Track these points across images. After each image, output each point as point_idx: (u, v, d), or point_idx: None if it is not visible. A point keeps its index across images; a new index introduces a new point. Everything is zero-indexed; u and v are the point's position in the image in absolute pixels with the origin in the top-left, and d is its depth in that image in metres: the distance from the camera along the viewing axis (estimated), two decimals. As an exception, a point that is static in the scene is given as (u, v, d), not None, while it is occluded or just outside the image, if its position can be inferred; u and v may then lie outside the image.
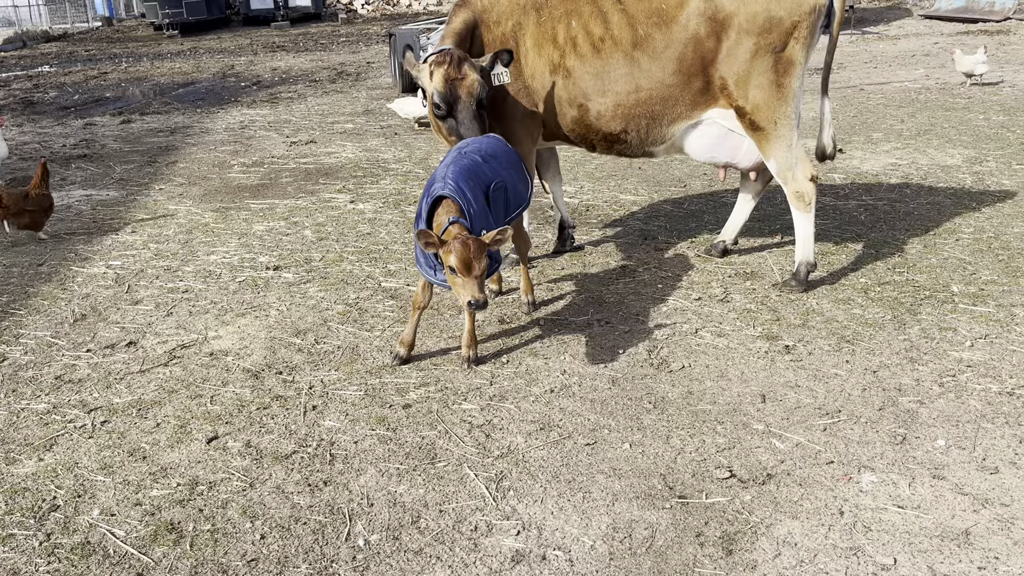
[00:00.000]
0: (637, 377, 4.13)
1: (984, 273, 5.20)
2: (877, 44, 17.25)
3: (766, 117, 4.83)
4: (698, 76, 4.87)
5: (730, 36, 4.76)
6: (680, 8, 4.81)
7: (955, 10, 20.88)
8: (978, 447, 3.42)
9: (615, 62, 4.89)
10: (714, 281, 5.30)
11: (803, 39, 4.75)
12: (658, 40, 4.83)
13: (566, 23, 4.94)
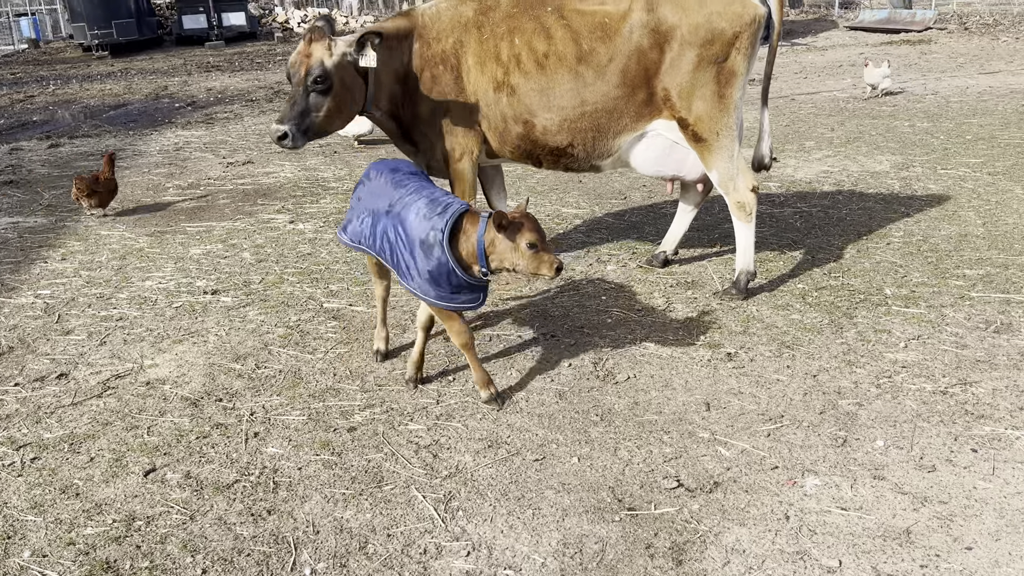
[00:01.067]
0: (584, 390, 4.14)
1: (915, 275, 5.35)
2: (806, 55, 17.74)
3: (708, 128, 4.91)
4: (642, 88, 4.93)
5: (673, 48, 4.83)
6: (623, 21, 4.87)
7: (879, 21, 21.62)
8: (915, 446, 3.50)
9: (560, 77, 4.92)
10: (656, 291, 5.35)
11: (744, 50, 4.84)
12: (602, 54, 4.88)
13: (509, 40, 4.95)
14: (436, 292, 3.77)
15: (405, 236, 3.79)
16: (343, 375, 4.36)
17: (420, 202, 3.82)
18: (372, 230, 3.99)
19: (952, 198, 6.91)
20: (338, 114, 4.78)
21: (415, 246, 3.74)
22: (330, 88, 4.65)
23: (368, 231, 4.02)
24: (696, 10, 4.80)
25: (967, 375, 4.06)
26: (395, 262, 3.89)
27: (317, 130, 4.77)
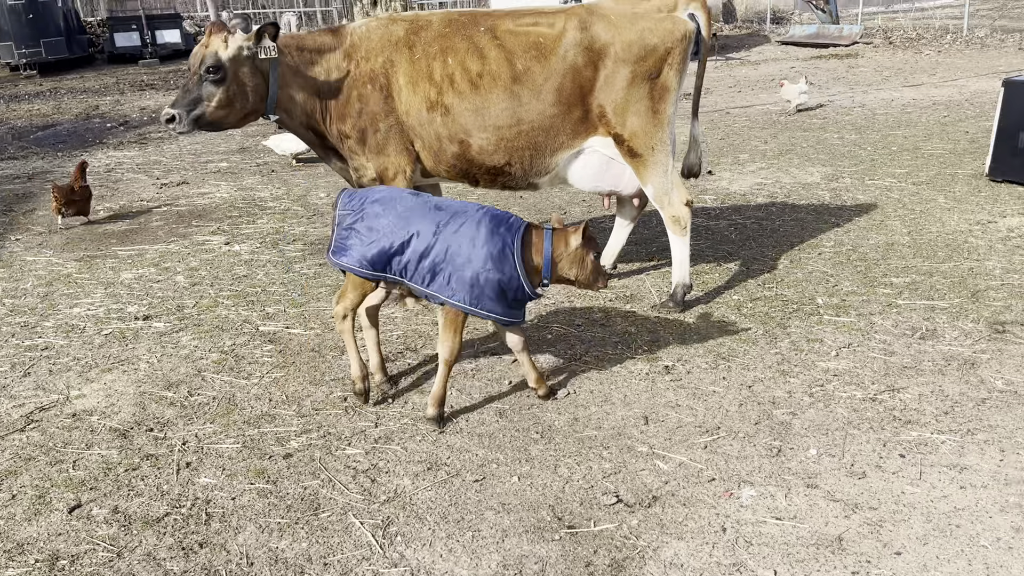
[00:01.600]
0: (524, 407, 4.13)
1: (845, 284, 5.49)
2: (740, 69, 18.15)
3: (643, 144, 4.97)
4: (578, 106, 4.97)
5: (607, 65, 4.89)
6: (557, 40, 4.91)
7: (808, 36, 22.25)
8: (846, 454, 3.58)
9: (495, 97, 4.93)
10: (595, 306, 5.38)
11: (676, 66, 4.93)
12: (537, 73, 4.91)
13: (442, 60, 4.95)
14: (498, 306, 3.80)
15: (470, 252, 3.75)
16: (279, 400, 4.28)
17: (483, 218, 3.82)
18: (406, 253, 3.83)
19: (879, 208, 7.12)
20: (229, 106, 4.88)
21: (486, 260, 3.73)
22: (223, 79, 4.79)
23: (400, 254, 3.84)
24: (628, 27, 4.87)
25: (895, 381, 4.17)
26: (434, 283, 3.83)
27: (209, 120, 4.89)
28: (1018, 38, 19.37)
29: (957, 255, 5.88)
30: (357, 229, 3.89)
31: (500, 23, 4.98)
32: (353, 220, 3.91)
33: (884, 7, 30.77)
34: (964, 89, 13.36)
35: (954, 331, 4.70)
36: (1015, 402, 3.90)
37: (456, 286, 3.77)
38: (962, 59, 17.30)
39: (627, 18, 4.91)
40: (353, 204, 3.96)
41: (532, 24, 4.95)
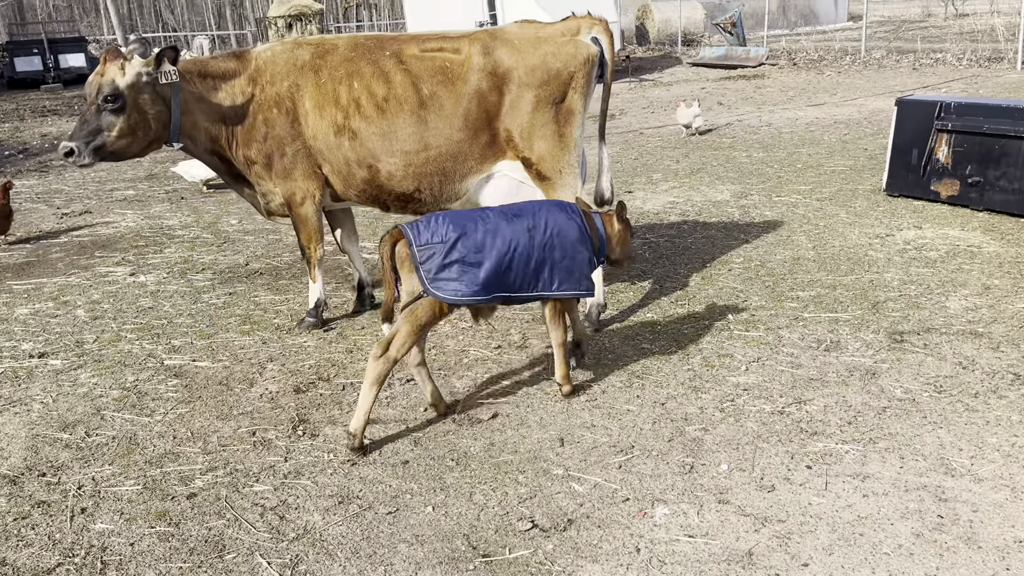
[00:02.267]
0: (440, 434, 4.07)
1: (754, 299, 5.63)
2: (653, 90, 18.58)
3: (551, 167, 5.01)
4: (484, 130, 4.97)
5: (511, 89, 4.91)
6: (462, 65, 4.91)
7: (717, 58, 22.97)
8: (756, 467, 3.63)
9: (401, 122, 4.90)
10: (513, 328, 5.37)
11: (580, 89, 4.98)
12: (443, 97, 4.90)
13: (348, 84, 4.91)
14: (588, 282, 4.12)
15: (563, 244, 3.98)
16: (184, 437, 4.11)
17: (553, 210, 4.06)
18: (513, 266, 3.86)
19: (785, 224, 7.34)
20: (131, 135, 4.77)
21: (575, 246, 4.02)
22: (123, 107, 4.67)
23: (509, 269, 3.86)
24: (531, 52, 4.92)
25: (801, 394, 4.28)
26: (546, 277, 3.97)
27: (111, 150, 4.77)
28: (912, 59, 20.40)
29: (858, 268, 6.10)
30: (459, 261, 3.77)
31: (405, 48, 4.97)
32: (447, 254, 3.76)
33: (788, 30, 32.08)
34: (863, 108, 13.97)
35: (856, 342, 4.85)
36: (913, 410, 4.04)
37: (561, 277, 4.00)
38: (861, 79, 18.11)
39: (530, 42, 4.95)
40: (433, 237, 3.77)
41: (437, 49, 4.96)
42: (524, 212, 4.00)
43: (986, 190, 7.26)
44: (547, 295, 4.02)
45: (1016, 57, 17.93)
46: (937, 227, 6.99)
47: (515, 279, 3.90)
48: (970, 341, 4.77)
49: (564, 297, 4.09)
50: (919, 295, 5.52)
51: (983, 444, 3.71)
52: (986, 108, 7.37)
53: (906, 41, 25.16)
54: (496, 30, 5.13)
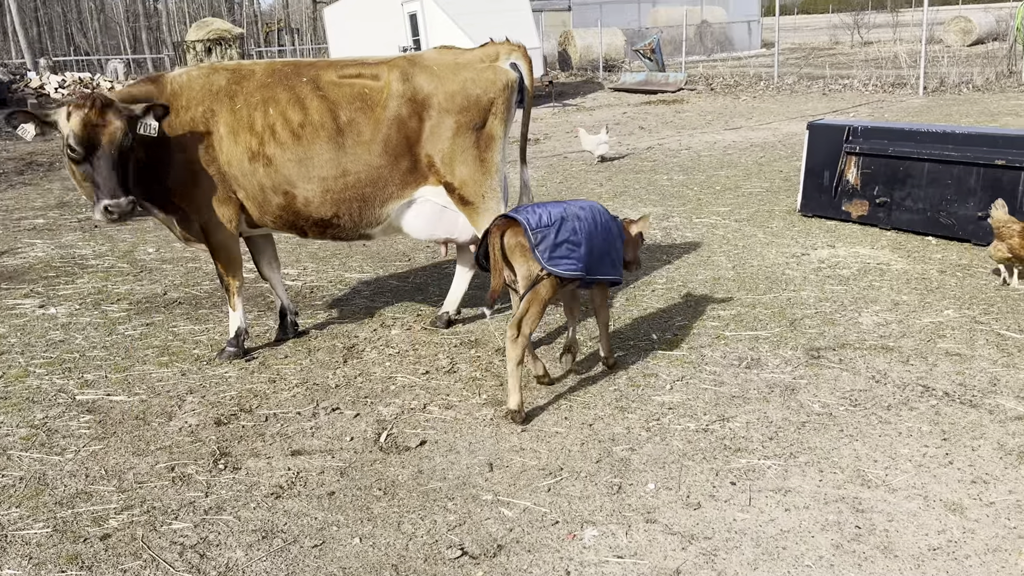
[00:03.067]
0: (367, 464, 4.01)
1: (677, 319, 5.73)
2: (576, 115, 18.89)
3: (473, 191, 5.03)
4: (405, 156, 4.96)
5: (432, 116, 4.92)
6: (381, 91, 4.90)
7: (638, 83, 23.52)
8: (682, 485, 3.68)
9: (319, 148, 4.86)
10: (441, 353, 5.35)
11: (500, 115, 5.03)
12: (362, 124, 4.87)
13: (264, 110, 4.85)
14: (620, 272, 4.68)
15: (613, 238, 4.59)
16: (97, 476, 3.94)
17: (600, 210, 4.57)
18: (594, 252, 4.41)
19: (706, 245, 7.52)
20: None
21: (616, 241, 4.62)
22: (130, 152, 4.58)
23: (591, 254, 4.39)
24: (451, 79, 4.95)
25: (724, 411, 4.36)
26: (608, 263, 4.55)
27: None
28: (821, 84, 21.27)
29: (776, 287, 6.28)
30: (565, 241, 4.26)
31: (323, 74, 4.94)
32: (556, 234, 4.23)
33: (705, 56, 33.10)
34: (777, 131, 14.48)
35: (776, 359, 4.99)
36: (830, 423, 4.17)
37: (611, 265, 4.57)
38: (775, 104, 18.78)
39: (449, 69, 4.98)
40: (541, 221, 4.23)
41: (356, 75, 4.95)
42: (585, 207, 4.51)
43: (893, 210, 7.59)
44: (604, 278, 4.59)
45: (918, 83, 18.89)
46: (849, 246, 7.26)
47: (594, 261, 4.43)
48: (882, 355, 4.95)
49: (612, 281, 4.67)
50: (834, 312, 5.71)
51: (896, 455, 3.85)
52: (891, 132, 7.72)
53: (816, 67, 26.26)
54: (415, 56, 5.14)
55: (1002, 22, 32.18)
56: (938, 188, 7.22)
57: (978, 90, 18.37)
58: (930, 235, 7.33)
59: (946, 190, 7.17)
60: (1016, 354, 4.86)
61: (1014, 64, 20.13)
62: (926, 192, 7.31)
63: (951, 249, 6.99)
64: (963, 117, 14.45)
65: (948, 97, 17.71)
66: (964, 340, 5.11)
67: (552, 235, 4.19)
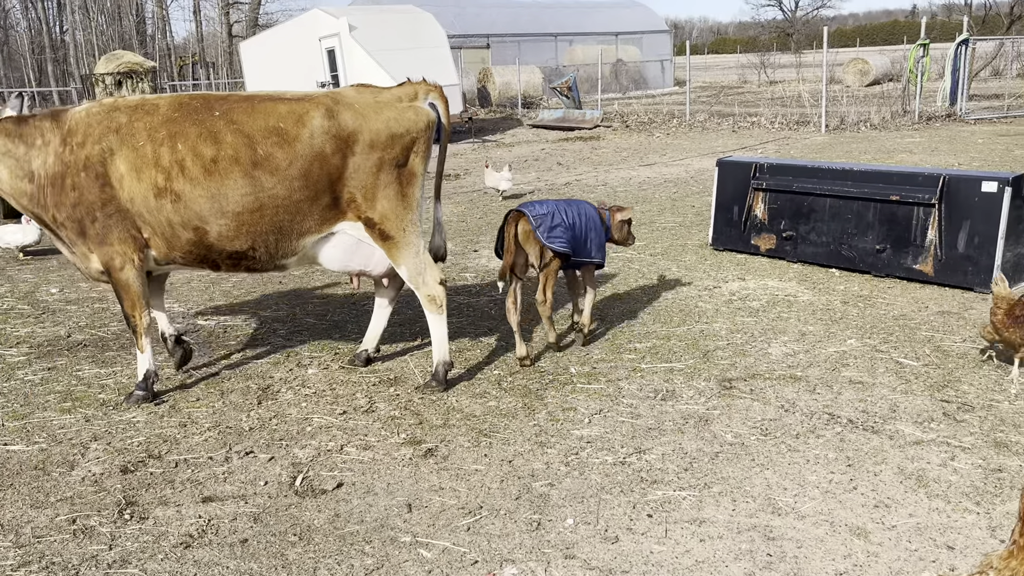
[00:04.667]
0: (281, 509, 3.91)
1: (596, 353, 5.81)
2: (496, 150, 19.09)
3: (394, 227, 5.03)
4: (326, 192, 4.94)
5: (355, 152, 4.92)
6: (302, 126, 4.86)
7: (556, 120, 23.97)
8: (600, 520, 3.72)
9: (233, 183, 4.78)
10: (359, 392, 5.28)
11: (421, 152, 5.09)
12: (280, 159, 4.82)
13: (171, 146, 4.75)
14: (603, 256, 5.94)
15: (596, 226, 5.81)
16: (-10, 532, 3.73)
17: (585, 204, 5.91)
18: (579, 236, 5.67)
19: (622, 278, 7.68)
20: None
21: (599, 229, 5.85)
22: None
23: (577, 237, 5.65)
24: (375, 117, 4.97)
25: (641, 443, 4.43)
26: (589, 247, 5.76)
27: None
28: (731, 122, 22.10)
29: (690, 319, 6.45)
30: (558, 225, 5.55)
31: (237, 107, 4.87)
32: (551, 220, 5.53)
33: (621, 94, 34.00)
34: (690, 167, 14.94)
35: (690, 390, 5.10)
36: (742, 453, 4.28)
37: (593, 249, 5.79)
38: (687, 140, 19.41)
39: (373, 107, 5.01)
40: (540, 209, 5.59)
41: (274, 110, 4.90)
42: (572, 203, 5.81)
43: (799, 243, 7.91)
44: (588, 260, 5.82)
45: (820, 121, 19.82)
46: (758, 278, 7.52)
47: (579, 244, 5.67)
48: (790, 385, 5.13)
49: (596, 262, 5.89)
50: (744, 343, 5.89)
51: (804, 482, 3.97)
52: (795, 168, 8.08)
53: (726, 105, 27.28)
54: (336, 93, 5.14)
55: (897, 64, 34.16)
56: (839, 222, 7.57)
57: (875, 128, 19.39)
58: (833, 267, 7.66)
59: (847, 224, 7.52)
60: (913, 381, 5.11)
61: (908, 104, 21.34)
62: (829, 226, 7.65)
63: (853, 280, 7.32)
64: (862, 154, 15.21)
65: (848, 135, 18.63)
66: (866, 368, 5.33)
67: (548, 221, 5.51)
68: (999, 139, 16.66)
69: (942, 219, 6.88)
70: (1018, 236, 6.73)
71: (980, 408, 4.69)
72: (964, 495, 3.80)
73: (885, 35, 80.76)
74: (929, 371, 5.24)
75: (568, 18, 39.53)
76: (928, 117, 20.35)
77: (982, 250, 6.70)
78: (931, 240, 6.95)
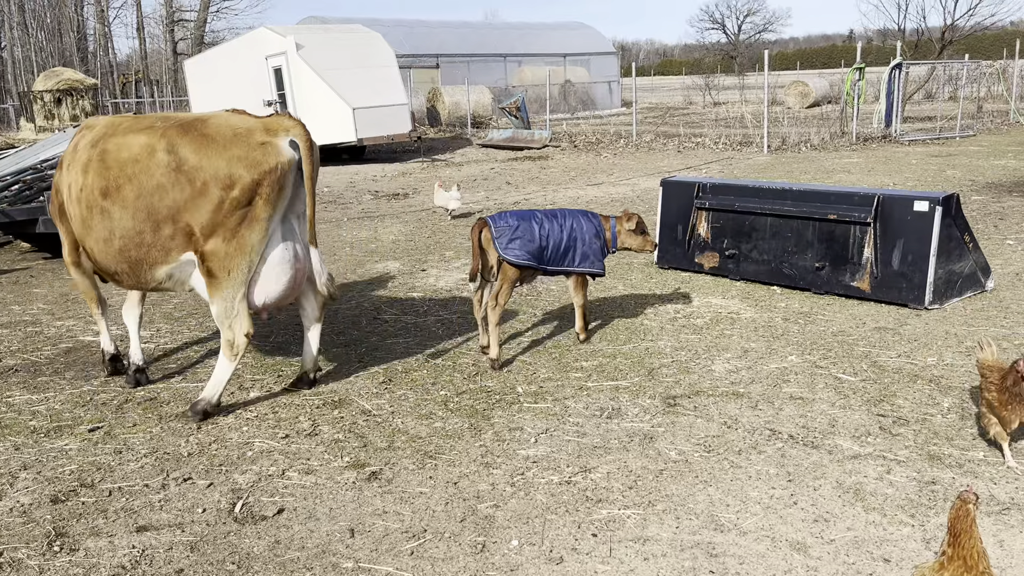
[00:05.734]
0: (220, 537, 3.81)
1: (542, 371, 5.82)
2: (446, 170, 19.10)
3: (219, 267, 4.99)
4: (167, 223, 5.01)
5: (196, 187, 4.91)
6: (148, 159, 4.99)
7: (505, 139, 24.11)
8: (546, 540, 3.70)
9: (93, 211, 5.13)
10: (302, 415, 5.19)
11: (266, 195, 4.97)
12: (127, 190, 5.01)
13: (72, 171, 5.29)
14: (598, 265, 6.15)
15: (586, 235, 6.04)
16: (-91, 568, 3.56)
17: (579, 214, 6.13)
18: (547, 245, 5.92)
19: (570, 296, 7.70)
20: None
21: (592, 238, 6.07)
22: None
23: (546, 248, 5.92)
24: (218, 153, 4.91)
25: (587, 462, 4.44)
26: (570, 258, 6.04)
27: None
28: (676, 142, 22.48)
29: (635, 337, 6.50)
30: (519, 238, 5.79)
31: (105, 138, 5.17)
32: (513, 232, 5.80)
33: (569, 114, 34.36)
34: (636, 187, 15.14)
35: (635, 408, 5.13)
36: (686, 470, 4.32)
37: (580, 259, 6.04)
38: (633, 160, 19.67)
39: (222, 142, 4.94)
40: (502, 221, 5.85)
41: (125, 143, 5.08)
42: (559, 215, 6.04)
43: (741, 262, 8.05)
44: (570, 270, 6.08)
45: (763, 142, 20.28)
46: (702, 296, 7.63)
47: (550, 255, 5.94)
48: (733, 401, 5.19)
49: (591, 273, 6.16)
50: (689, 360, 5.96)
51: (747, 498, 4.02)
52: (737, 188, 8.24)
53: (671, 126, 27.75)
54: (196, 122, 5.11)
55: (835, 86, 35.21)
56: (780, 241, 7.73)
57: (815, 149, 19.92)
58: (774, 285, 7.81)
59: (787, 243, 7.68)
60: (851, 396, 5.22)
61: (846, 125, 21.98)
62: (770, 245, 7.81)
63: (794, 298, 7.47)
64: (802, 174, 15.60)
65: (789, 155, 19.09)
66: (806, 384, 5.43)
67: (508, 232, 5.79)
68: (932, 159, 17.25)
69: (877, 238, 7.07)
70: (949, 254, 6.95)
71: (914, 422, 4.80)
72: (900, 508, 3.88)
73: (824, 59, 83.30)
74: (866, 386, 5.37)
75: (517, 39, 39.94)
76: (865, 138, 20.98)
77: (915, 267, 6.90)
78: (867, 258, 7.14)
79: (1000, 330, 6.32)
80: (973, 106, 26.16)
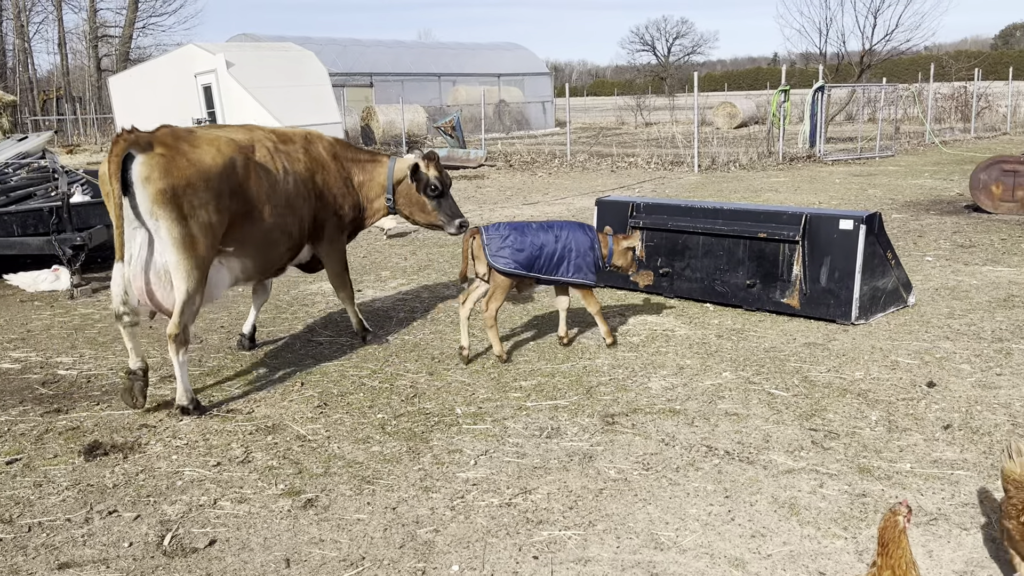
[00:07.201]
0: (148, 572, 3.66)
1: (481, 392, 5.79)
2: (380, 189, 18.95)
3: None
4: None
5: None
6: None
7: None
8: (486, 565, 3.66)
9: None
10: (234, 441, 5.05)
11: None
12: None
13: None
14: (591, 277, 6.43)
15: (577, 248, 6.33)
16: None
17: (576, 226, 6.46)
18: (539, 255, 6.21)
19: (507, 317, 7.70)
20: None
21: (588, 250, 6.37)
22: None
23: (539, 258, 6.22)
24: None
25: (527, 483, 4.42)
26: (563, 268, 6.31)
27: None
28: (610, 162, 22.81)
29: (573, 356, 6.53)
30: (509, 247, 6.07)
31: None
32: (502, 241, 6.09)
33: (504, 134, 34.57)
34: (571, 206, 15.28)
35: (574, 427, 5.14)
36: (625, 489, 4.33)
37: (573, 270, 6.34)
38: (568, 180, 19.87)
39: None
40: (494, 231, 6.16)
41: None
42: (555, 226, 6.35)
43: (675, 280, 8.17)
44: (563, 280, 6.35)
45: (693, 161, 20.72)
46: (638, 314, 7.71)
47: (545, 265, 6.22)
48: (670, 418, 5.25)
49: (574, 283, 6.40)
50: (626, 378, 6.01)
51: (685, 516, 4.05)
52: (669, 207, 8.38)
53: (605, 146, 28.16)
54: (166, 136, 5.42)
55: (762, 107, 36.29)
56: (712, 259, 7.88)
57: (744, 168, 20.45)
58: (708, 302, 7.95)
59: (719, 261, 7.84)
60: (784, 411, 5.33)
61: (773, 145, 22.63)
62: (702, 263, 7.96)
63: (726, 315, 7.62)
64: (732, 193, 15.98)
65: (719, 174, 19.55)
66: (740, 400, 5.53)
67: (498, 241, 6.10)
68: (854, 179, 17.88)
69: (805, 255, 7.27)
70: (873, 271, 7.19)
71: (844, 435, 4.93)
72: (833, 521, 3.96)
73: (751, 80, 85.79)
74: (798, 401, 5.49)
75: (452, 59, 40.08)
76: (791, 158, 21.64)
77: (842, 284, 7.11)
78: (796, 275, 7.33)
79: (923, 343, 6.55)
80: (891, 127, 27.25)
